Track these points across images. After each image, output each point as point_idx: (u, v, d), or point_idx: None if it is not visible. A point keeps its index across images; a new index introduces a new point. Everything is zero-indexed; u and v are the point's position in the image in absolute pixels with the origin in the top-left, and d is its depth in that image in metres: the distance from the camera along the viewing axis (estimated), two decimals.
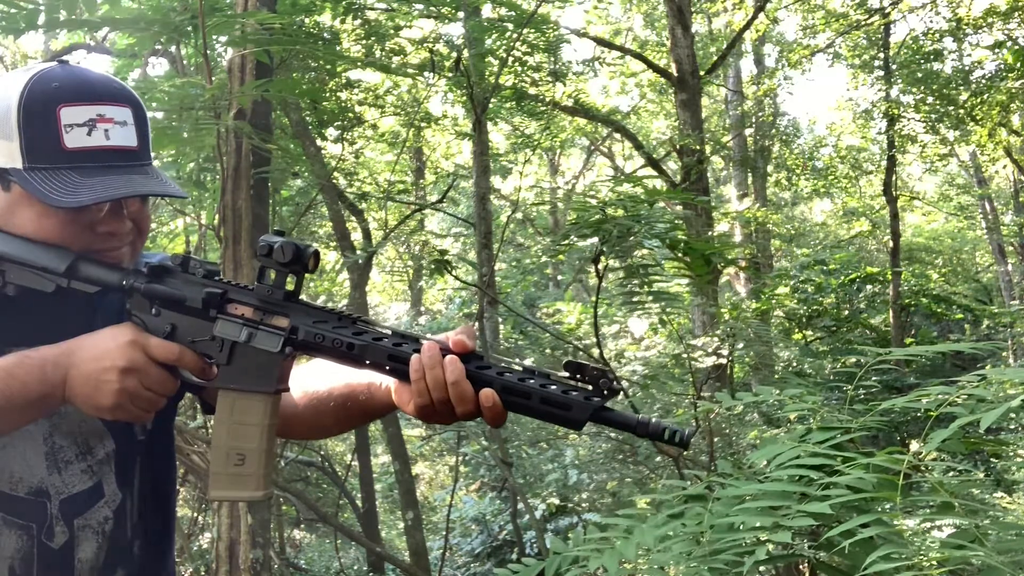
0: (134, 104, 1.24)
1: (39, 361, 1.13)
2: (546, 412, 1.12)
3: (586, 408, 1.10)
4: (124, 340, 1.15)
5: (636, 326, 7.08)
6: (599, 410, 1.10)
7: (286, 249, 1.17)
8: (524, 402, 1.12)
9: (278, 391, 1.21)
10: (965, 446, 1.62)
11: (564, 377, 1.12)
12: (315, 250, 1.19)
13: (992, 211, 16.27)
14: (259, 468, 1.19)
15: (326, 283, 9.84)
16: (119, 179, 1.18)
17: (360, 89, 8.01)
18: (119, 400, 1.14)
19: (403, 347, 1.16)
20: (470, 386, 1.13)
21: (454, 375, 1.12)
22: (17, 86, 1.18)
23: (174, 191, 1.25)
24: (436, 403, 1.14)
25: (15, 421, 1.14)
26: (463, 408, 1.14)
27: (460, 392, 1.13)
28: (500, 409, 1.13)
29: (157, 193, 1.23)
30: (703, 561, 1.43)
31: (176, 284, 1.21)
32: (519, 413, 1.14)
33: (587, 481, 7.34)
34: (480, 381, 1.13)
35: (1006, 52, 9.77)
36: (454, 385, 1.12)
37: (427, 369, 1.13)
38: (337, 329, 1.18)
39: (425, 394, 1.14)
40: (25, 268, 1.19)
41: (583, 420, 1.11)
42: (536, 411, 1.13)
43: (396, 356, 1.16)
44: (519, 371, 1.15)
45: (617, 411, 1.12)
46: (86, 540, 1.26)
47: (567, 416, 1.11)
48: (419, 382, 1.14)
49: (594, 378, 1.10)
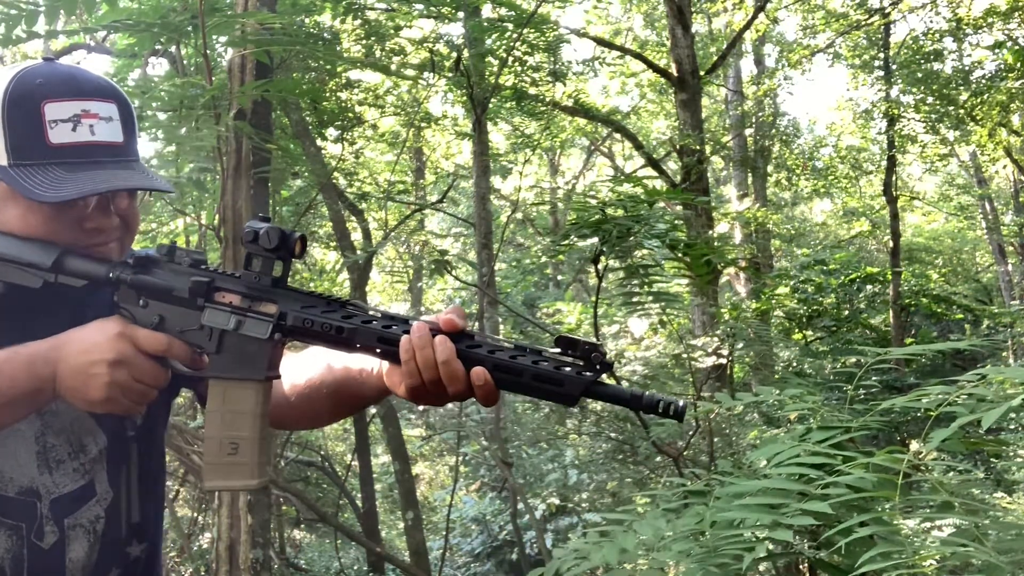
0: (119, 100, 1.23)
1: (28, 356, 1.13)
2: (539, 388, 1.11)
3: (579, 383, 1.09)
4: (112, 333, 1.15)
5: (636, 326, 7.07)
6: (592, 384, 1.09)
7: (272, 235, 1.17)
8: (516, 379, 1.11)
9: (269, 378, 1.20)
10: (965, 446, 1.62)
11: (556, 353, 1.11)
12: (301, 235, 1.19)
13: (992, 211, 16.27)
14: (253, 456, 1.19)
15: (326, 283, 9.83)
16: (104, 174, 1.18)
17: (360, 89, 8.01)
18: (109, 393, 1.13)
19: (393, 329, 1.15)
20: (461, 365, 1.12)
21: (444, 354, 1.11)
22: (1, 83, 1.17)
23: (159, 185, 1.25)
24: (427, 383, 1.13)
25: (5, 417, 1.14)
26: (454, 388, 1.12)
27: (451, 371, 1.11)
28: (492, 387, 1.12)
29: (141, 187, 1.23)
30: (703, 559, 1.43)
31: (163, 275, 1.21)
32: (511, 391, 1.13)
33: (587, 481, 7.35)
34: (471, 360, 1.12)
35: (1006, 52, 9.77)
36: (445, 364, 1.11)
37: (417, 349, 1.12)
38: (326, 313, 1.18)
39: (416, 375, 1.13)
40: (11, 264, 1.19)
41: (576, 395, 1.10)
42: (529, 388, 1.11)
43: (386, 338, 1.15)
44: (510, 349, 1.13)
45: (610, 385, 1.11)
46: (77, 540, 1.26)
47: (560, 392, 1.10)
48: (409, 363, 1.13)
49: (586, 353, 1.09)
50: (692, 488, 1.69)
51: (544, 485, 7.52)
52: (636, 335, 7.37)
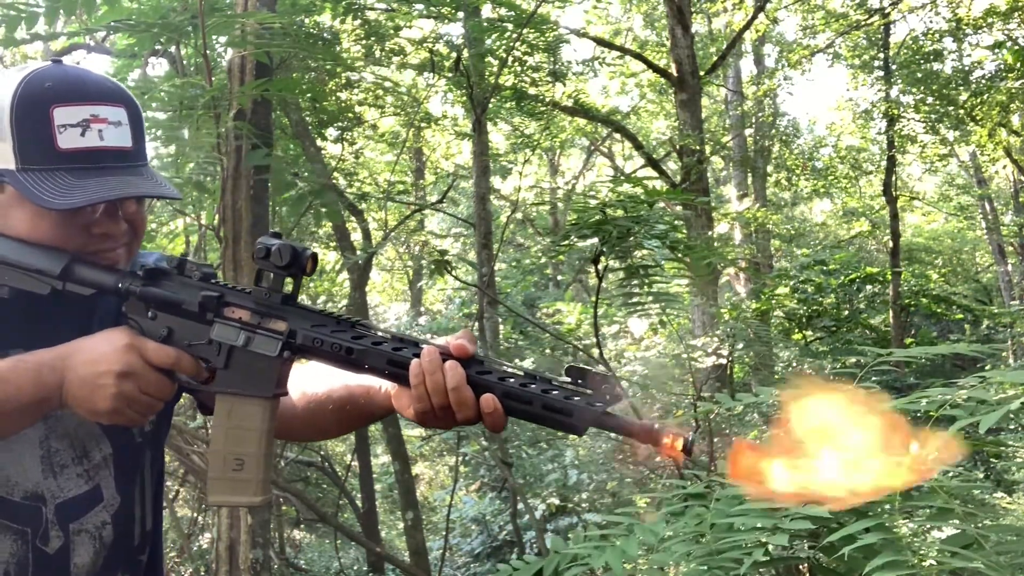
0: (129, 104, 1.22)
1: (34, 365, 1.12)
2: (548, 418, 1.10)
3: (588, 414, 1.08)
4: (121, 344, 1.14)
5: (636, 326, 7.08)
6: (601, 415, 1.09)
7: (283, 252, 1.15)
8: (526, 408, 1.11)
9: (276, 396, 1.19)
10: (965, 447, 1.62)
11: (565, 382, 1.11)
12: (312, 253, 1.18)
13: (992, 211, 16.27)
14: (258, 473, 1.18)
15: (326, 283, 9.84)
16: (113, 180, 1.17)
17: (360, 89, 8.01)
18: (116, 404, 1.13)
19: (403, 351, 1.14)
20: (471, 391, 1.11)
21: (455, 380, 1.11)
22: (10, 87, 1.16)
23: (169, 192, 1.24)
24: (436, 408, 1.13)
25: (10, 425, 1.13)
26: (464, 414, 1.12)
27: (461, 397, 1.11)
28: (501, 415, 1.11)
29: (151, 195, 1.22)
30: (703, 561, 1.42)
31: (172, 287, 1.20)
32: (520, 418, 1.12)
33: (587, 481, 7.34)
34: (481, 386, 1.12)
35: (1006, 52, 9.77)
36: (455, 391, 1.11)
37: (427, 374, 1.11)
38: (336, 333, 1.17)
39: (425, 399, 1.12)
40: (19, 270, 1.18)
41: (585, 426, 1.09)
42: (538, 417, 1.11)
43: (396, 361, 1.14)
44: (520, 376, 1.13)
45: (620, 416, 1.10)
46: (82, 545, 1.25)
47: (569, 422, 1.09)
48: (419, 387, 1.12)
49: (596, 383, 1.09)
50: (692, 490, 1.69)
51: (544, 485, 7.52)
52: (636, 335, 7.37)
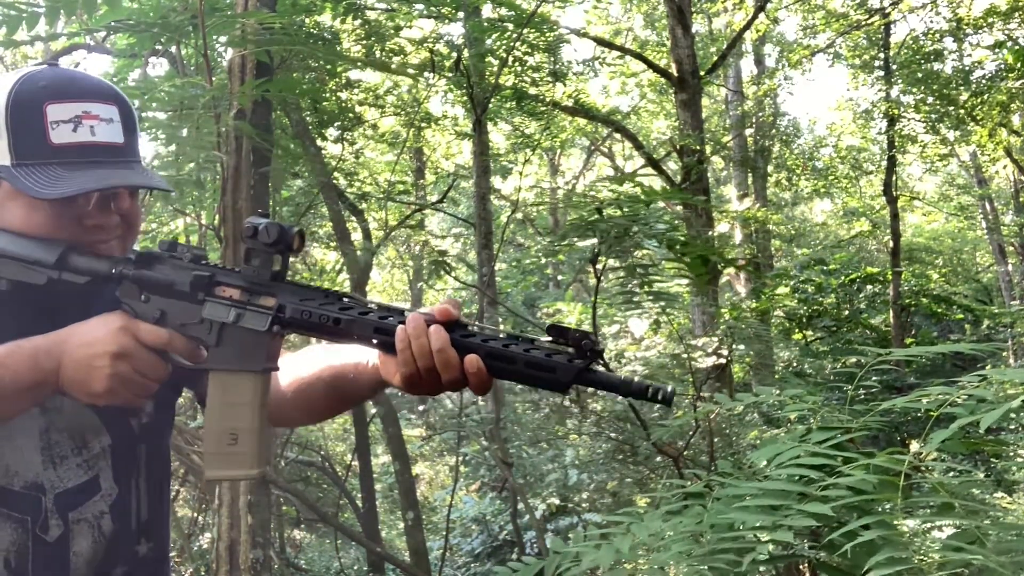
0: (120, 102, 1.27)
1: (31, 350, 1.16)
2: (531, 376, 1.13)
3: (570, 370, 1.11)
4: (115, 326, 1.18)
5: (636, 326, 7.07)
6: (583, 371, 1.12)
7: (270, 230, 1.19)
8: (509, 367, 1.14)
9: (267, 369, 1.23)
10: (965, 446, 1.62)
11: (547, 341, 1.14)
12: (300, 230, 1.22)
13: (992, 211, 16.27)
14: (252, 447, 1.21)
15: (326, 283, 9.84)
16: (103, 172, 1.22)
17: (360, 89, 8.01)
18: (111, 385, 1.16)
19: (389, 320, 1.18)
20: (455, 353, 1.14)
21: (439, 342, 1.14)
22: (5, 86, 1.22)
23: (158, 183, 1.29)
24: (422, 371, 1.16)
25: (8, 409, 1.17)
26: (449, 375, 1.15)
27: (445, 359, 1.14)
28: (485, 375, 1.14)
29: (141, 186, 1.27)
30: (703, 560, 1.43)
31: (164, 270, 1.24)
32: (504, 378, 1.15)
33: (587, 481, 7.34)
34: (465, 348, 1.15)
35: (1006, 52, 9.77)
36: (439, 352, 1.14)
37: (412, 339, 1.15)
38: (323, 306, 1.20)
39: (411, 363, 1.16)
40: (16, 262, 1.22)
41: (568, 382, 1.12)
42: (521, 375, 1.14)
43: (382, 328, 1.17)
44: (503, 338, 1.16)
45: (601, 372, 1.13)
46: (81, 534, 1.28)
47: (552, 378, 1.12)
48: (405, 352, 1.15)
49: (576, 341, 1.12)
50: (692, 489, 1.69)
51: (544, 485, 7.51)
52: (636, 335, 7.37)
